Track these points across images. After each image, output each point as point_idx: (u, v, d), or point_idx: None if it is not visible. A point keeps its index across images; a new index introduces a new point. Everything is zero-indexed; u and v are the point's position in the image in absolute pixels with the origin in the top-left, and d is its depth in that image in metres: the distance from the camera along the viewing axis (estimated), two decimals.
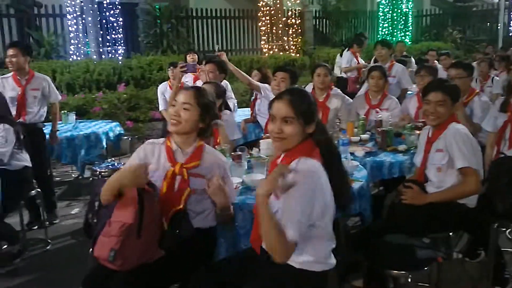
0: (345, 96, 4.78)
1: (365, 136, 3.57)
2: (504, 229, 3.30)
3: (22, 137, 3.42)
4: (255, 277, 1.81)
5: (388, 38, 13.20)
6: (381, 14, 14.02)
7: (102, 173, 3.80)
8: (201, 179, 2.14)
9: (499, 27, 14.15)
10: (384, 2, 13.95)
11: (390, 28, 13.91)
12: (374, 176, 3.10)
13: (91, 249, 1.94)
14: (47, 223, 3.96)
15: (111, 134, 4.91)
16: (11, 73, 4.08)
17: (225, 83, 5.17)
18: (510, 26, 15.91)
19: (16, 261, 3.40)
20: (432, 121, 2.58)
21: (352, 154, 3.14)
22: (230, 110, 3.43)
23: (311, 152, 1.75)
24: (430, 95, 2.57)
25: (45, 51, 7.87)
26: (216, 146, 2.94)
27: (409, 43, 13.33)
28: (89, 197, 2.14)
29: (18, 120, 3.81)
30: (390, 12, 13.86)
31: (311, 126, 1.78)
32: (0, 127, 3.28)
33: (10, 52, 4.00)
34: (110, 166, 3.88)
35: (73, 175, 5.62)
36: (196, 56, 5.95)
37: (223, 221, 2.22)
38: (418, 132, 3.28)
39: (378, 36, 13.69)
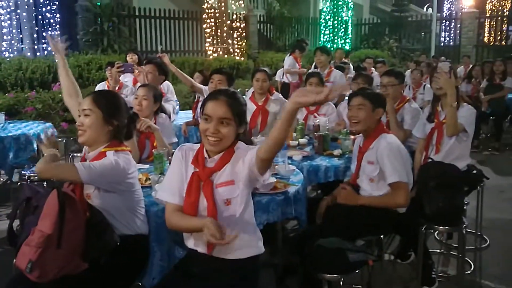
0: (286, 101, 4.89)
1: (303, 141, 3.65)
2: (432, 231, 3.51)
3: None
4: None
5: (329, 45, 13.62)
6: (322, 21, 14.44)
7: (31, 178, 3.60)
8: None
9: (431, 37, 15.02)
10: (326, 10, 14.39)
11: (331, 35, 14.36)
12: (311, 180, 3.17)
13: (14, 259, 1.83)
14: None
15: (42, 136, 4.65)
16: None
17: (166, 84, 5.10)
18: (441, 37, 17.00)
19: None
20: (353, 125, 2.71)
21: (290, 158, 3.20)
22: (165, 113, 3.37)
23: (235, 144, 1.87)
24: (351, 100, 2.73)
25: None
26: (153, 151, 2.88)
27: (349, 50, 13.84)
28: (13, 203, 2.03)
29: None
30: (331, 19, 14.31)
31: (242, 127, 1.86)
32: None
33: None
34: None
35: (1, 179, 5.28)
36: (136, 57, 5.80)
37: None
38: (353, 137, 3.39)
39: (320, 42, 14.09)
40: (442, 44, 17.08)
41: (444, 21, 17.84)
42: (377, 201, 2.60)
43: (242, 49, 11.24)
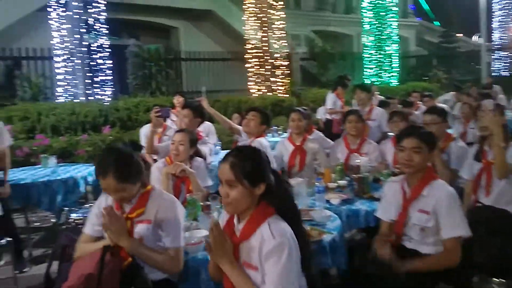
0: (326, 139, 4.81)
1: (342, 182, 3.52)
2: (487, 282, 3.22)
3: None
4: None
5: (374, 79, 13.46)
6: (367, 55, 14.36)
7: (76, 221, 3.71)
8: (147, 224, 2.10)
9: (481, 68, 14.51)
10: (369, 44, 14.31)
11: (376, 69, 14.21)
12: (351, 225, 3.03)
13: None
14: (16, 272, 3.83)
15: (90, 178, 4.82)
16: None
17: (208, 125, 5.19)
18: (491, 67, 16.36)
19: None
20: (406, 168, 2.44)
21: (328, 201, 3.10)
22: (201, 156, 3.40)
23: (265, 216, 1.71)
24: (405, 141, 2.45)
25: (32, 93, 7.90)
26: (187, 195, 2.89)
27: (396, 84, 13.59)
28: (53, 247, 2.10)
29: None
30: (376, 53, 14.19)
31: (260, 187, 1.71)
32: None
33: None
34: (85, 214, 3.79)
35: (52, 221, 5.49)
36: (182, 99, 5.98)
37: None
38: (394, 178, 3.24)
39: (364, 77, 13.95)
40: (494, 74, 16.42)
41: (494, 50, 17.22)
42: (428, 265, 2.30)
43: (285, 87, 11.35)
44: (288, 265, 1.61)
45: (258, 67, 11.03)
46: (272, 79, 11.15)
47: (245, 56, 11.19)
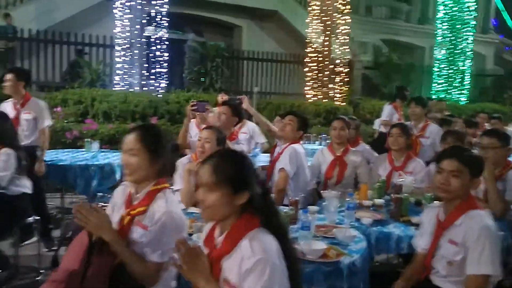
0: (373, 153, 4.48)
1: (379, 201, 3.20)
2: None
3: (24, 162, 3.41)
4: None
5: (442, 96, 12.66)
6: (436, 69, 13.53)
7: (104, 207, 3.68)
8: (143, 230, 1.91)
9: None
10: (441, 58, 13.46)
11: (446, 85, 13.33)
12: (380, 249, 2.72)
13: None
14: (46, 249, 3.89)
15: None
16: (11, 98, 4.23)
17: (252, 126, 5.04)
18: None
19: (2, 287, 3.30)
20: (442, 193, 2.18)
21: (358, 220, 2.81)
22: None
23: (247, 229, 1.51)
24: (444, 162, 2.18)
25: (91, 79, 8.18)
26: None
27: (465, 102, 12.70)
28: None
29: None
30: (447, 68, 13.33)
31: (242, 196, 1.53)
32: (3, 152, 3.29)
33: (7, 77, 4.13)
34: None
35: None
36: (227, 97, 5.86)
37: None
38: (437, 204, 2.88)
39: (432, 92, 13.17)
40: None
41: None
42: None
43: (343, 95, 10.95)
44: (270, 285, 1.41)
45: (317, 71, 10.72)
46: (330, 85, 10.80)
47: (304, 60, 10.93)
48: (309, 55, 10.76)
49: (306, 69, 10.81)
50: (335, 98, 10.71)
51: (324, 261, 2.12)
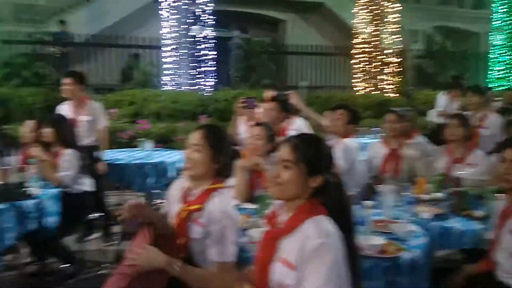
0: (430, 146, 4.30)
1: (438, 195, 3.07)
2: None
3: (85, 162, 3.59)
4: None
5: (502, 83, 11.98)
6: (494, 56, 12.78)
7: (159, 204, 3.79)
8: (200, 227, 1.94)
9: None
10: (499, 44, 12.71)
11: (505, 72, 12.57)
12: (441, 244, 2.61)
13: None
14: (106, 244, 4.05)
15: (179, 165, 4.93)
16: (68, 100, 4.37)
17: (301, 122, 4.99)
18: None
19: (69, 281, 3.47)
20: (504, 182, 2.13)
21: (417, 215, 2.71)
22: None
23: (314, 212, 1.52)
24: (506, 151, 2.14)
25: (142, 80, 8.43)
26: (259, 191, 2.75)
27: None
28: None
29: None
30: (505, 54, 12.56)
31: (316, 180, 1.55)
32: (68, 152, 3.49)
33: (66, 81, 4.28)
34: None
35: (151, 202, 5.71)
36: (275, 93, 5.83)
37: None
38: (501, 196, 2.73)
39: (489, 80, 12.48)
40: None
41: None
42: None
43: (395, 86, 10.61)
44: (334, 269, 1.42)
45: (366, 63, 10.46)
46: (380, 76, 10.50)
47: (352, 51, 10.69)
48: (357, 46, 10.51)
49: (354, 60, 10.58)
50: (386, 90, 10.40)
51: (383, 257, 2.06)
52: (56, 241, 3.45)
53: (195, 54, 8.12)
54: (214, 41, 8.38)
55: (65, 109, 4.33)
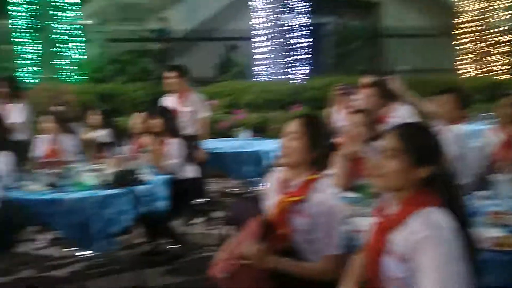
0: None
1: None
2: None
3: (188, 151, 3.79)
4: None
5: None
6: None
7: (256, 192, 3.88)
8: (305, 219, 1.92)
9: None
10: None
11: None
12: None
13: None
14: (209, 228, 4.25)
15: (273, 154, 4.98)
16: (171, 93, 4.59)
17: (405, 108, 4.75)
18: None
19: (177, 261, 3.70)
20: None
21: None
22: None
23: (426, 203, 1.44)
24: None
25: (237, 71, 8.66)
26: (360, 180, 2.68)
27: None
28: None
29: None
30: None
31: (423, 170, 1.46)
32: (175, 141, 3.72)
33: (170, 74, 4.49)
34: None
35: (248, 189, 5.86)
36: (372, 79, 5.61)
37: None
38: None
39: None
40: None
41: None
42: None
43: (507, 67, 9.64)
44: (447, 262, 1.34)
45: (472, 43, 9.63)
46: (489, 57, 9.61)
47: (455, 32, 9.91)
48: (462, 25, 9.71)
49: (458, 41, 9.80)
50: (497, 71, 9.49)
51: (502, 250, 1.90)
52: (165, 224, 3.70)
53: (288, 42, 8.10)
54: (308, 28, 8.28)
55: (168, 101, 4.58)
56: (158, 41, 10.22)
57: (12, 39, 8.80)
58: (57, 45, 8.99)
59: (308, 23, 8.45)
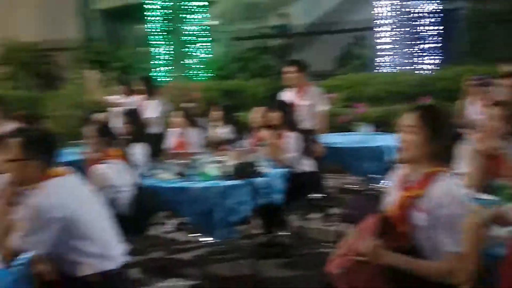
0: None
1: None
2: None
3: (307, 145, 3.78)
4: None
5: None
6: None
7: (376, 189, 3.73)
8: (423, 214, 1.80)
9: None
10: None
11: None
12: None
13: None
14: (326, 224, 4.19)
15: (395, 150, 4.69)
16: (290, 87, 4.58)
17: None
18: None
19: (292, 254, 3.71)
20: None
21: None
22: None
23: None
24: None
25: (359, 63, 8.39)
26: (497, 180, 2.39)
27: None
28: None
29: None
30: None
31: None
32: (292, 135, 3.75)
33: (289, 69, 4.48)
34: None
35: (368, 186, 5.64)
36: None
37: None
38: None
39: None
40: None
41: None
42: None
43: None
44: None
45: None
46: None
47: None
48: None
49: None
50: None
51: None
52: (282, 216, 3.75)
53: (415, 31, 7.60)
54: (438, 15, 7.66)
55: (287, 95, 4.61)
56: (279, 37, 10.40)
57: (148, 42, 9.75)
58: (186, 45, 9.70)
59: (439, 9, 7.81)
